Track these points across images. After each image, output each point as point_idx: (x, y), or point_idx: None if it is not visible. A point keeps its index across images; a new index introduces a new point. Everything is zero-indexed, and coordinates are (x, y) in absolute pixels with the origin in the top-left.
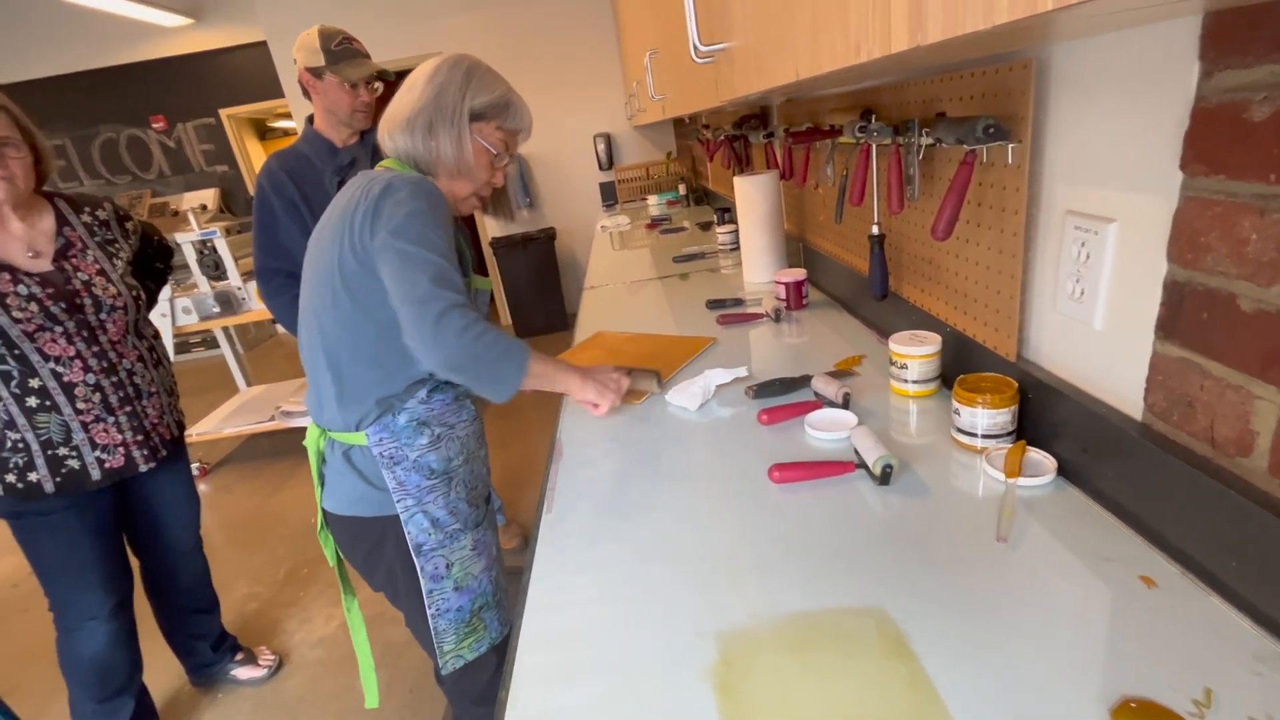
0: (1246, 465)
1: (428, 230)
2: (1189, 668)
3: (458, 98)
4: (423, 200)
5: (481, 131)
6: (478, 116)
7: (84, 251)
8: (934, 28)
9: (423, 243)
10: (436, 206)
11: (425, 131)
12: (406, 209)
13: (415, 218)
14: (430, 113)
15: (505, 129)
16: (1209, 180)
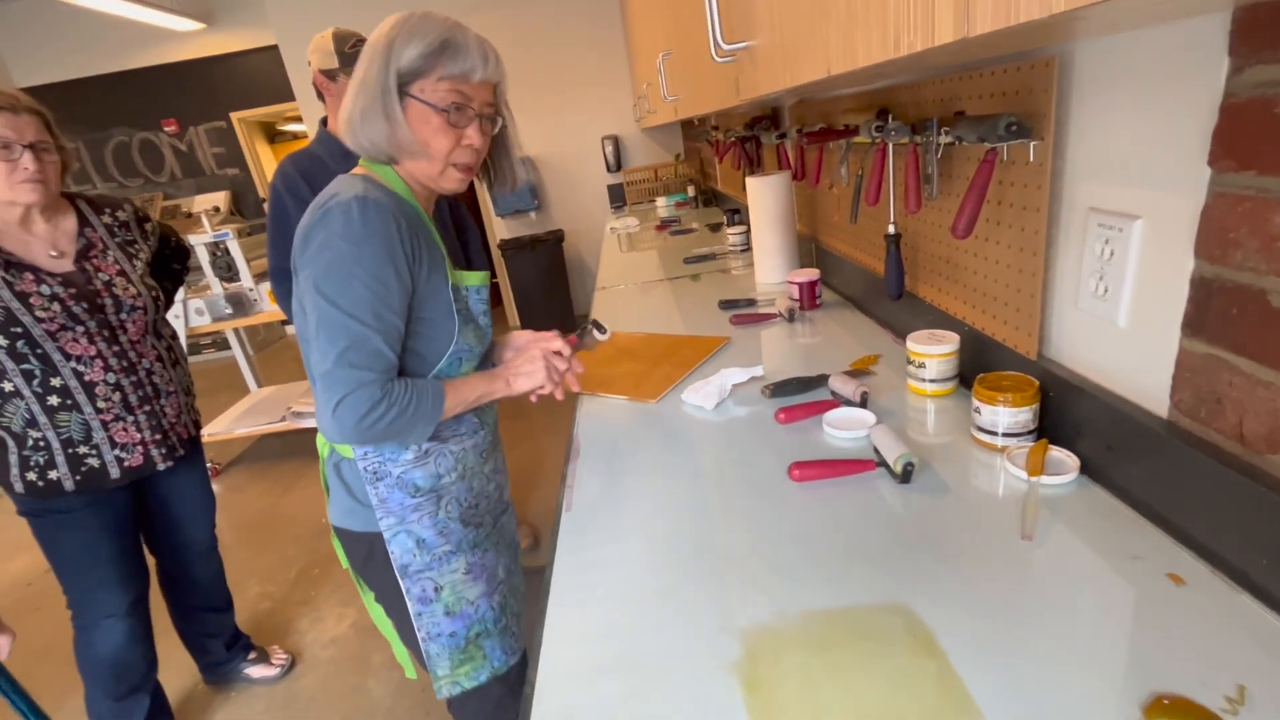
0: (1276, 461)
1: (350, 282)
2: (1220, 665)
3: (381, 67)
4: (349, 242)
5: (424, 91)
6: (412, 76)
7: (105, 252)
8: (983, 18)
9: (341, 298)
10: (371, 237)
11: (360, 121)
12: (329, 255)
13: (337, 268)
14: (360, 98)
15: (450, 76)
16: (1239, 176)
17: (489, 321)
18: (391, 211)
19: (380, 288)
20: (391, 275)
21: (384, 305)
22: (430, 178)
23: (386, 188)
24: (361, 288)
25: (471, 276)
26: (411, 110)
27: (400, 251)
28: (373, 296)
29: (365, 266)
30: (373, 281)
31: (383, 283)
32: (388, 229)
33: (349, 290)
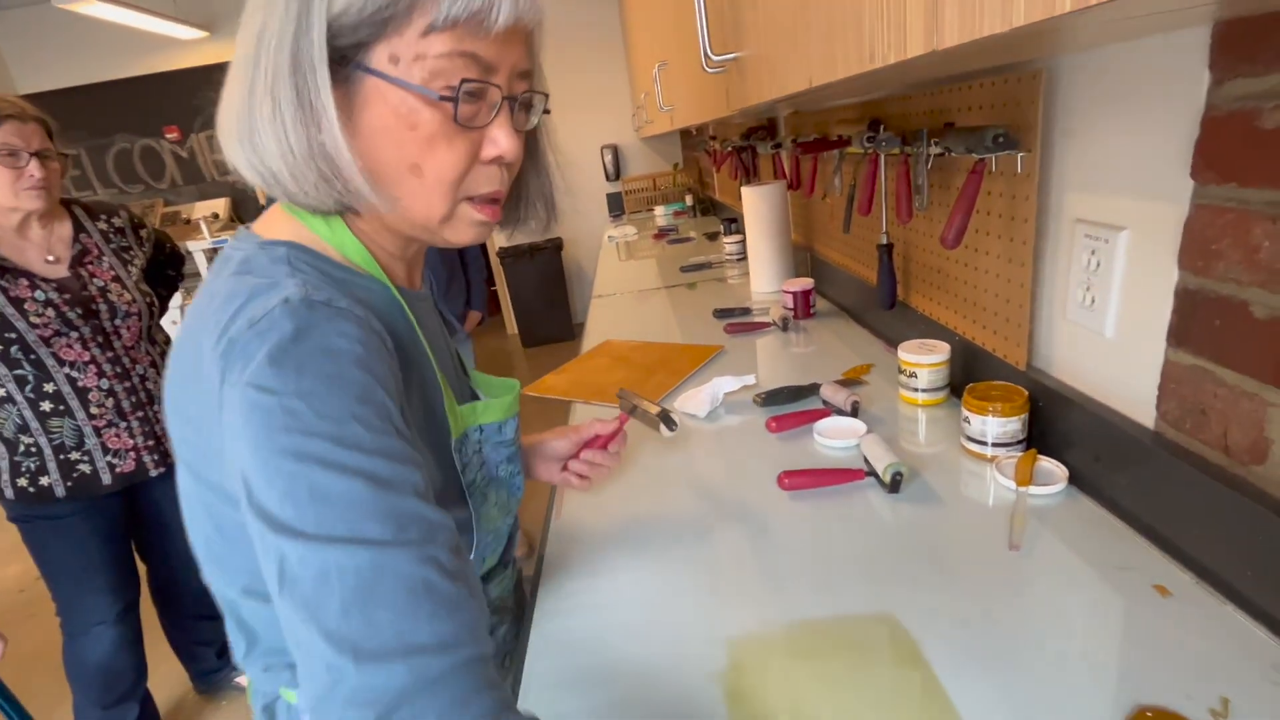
0: (1261, 473)
1: (332, 477)
2: (1205, 677)
3: (291, 18)
4: (297, 400)
5: (395, 60)
6: (364, 30)
7: (100, 258)
8: (950, 31)
9: (328, 520)
10: (355, 368)
11: (260, 132)
12: (266, 439)
13: (291, 462)
14: (253, 85)
15: (447, 22)
16: (1220, 188)
17: (519, 466)
18: (363, 327)
19: (396, 438)
20: (404, 404)
21: (417, 468)
22: (424, 226)
23: (338, 263)
24: (373, 440)
25: (490, 408)
26: (368, 98)
27: (391, 406)
28: (397, 454)
29: (369, 389)
30: (381, 422)
31: (390, 432)
32: (367, 367)
33: (336, 497)
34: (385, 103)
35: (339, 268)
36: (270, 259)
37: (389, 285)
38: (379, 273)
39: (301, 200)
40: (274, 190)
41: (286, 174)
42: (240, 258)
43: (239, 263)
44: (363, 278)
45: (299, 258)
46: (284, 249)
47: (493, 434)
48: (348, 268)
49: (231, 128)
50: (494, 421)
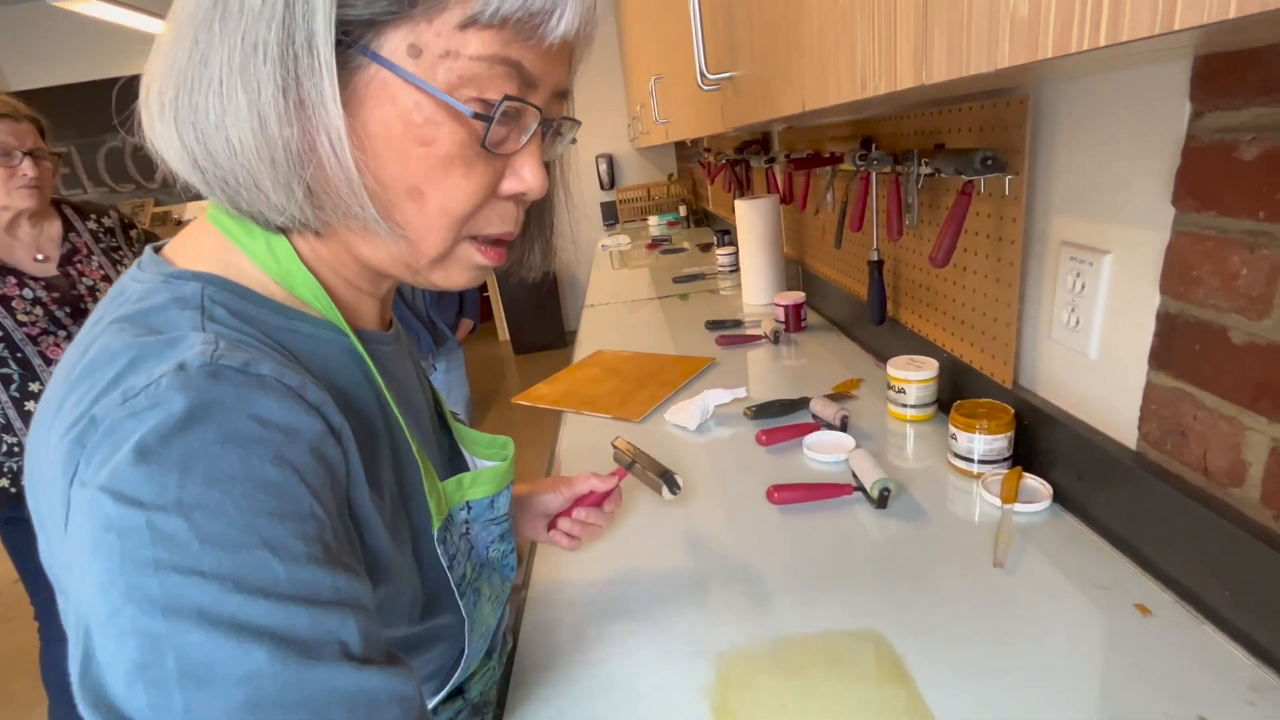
0: (1239, 495)
1: (235, 552)
2: (1183, 697)
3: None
4: (194, 480)
5: (418, 52)
6: (374, 6)
7: (89, 258)
8: (939, 68)
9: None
10: (270, 465)
11: (210, 106)
12: (144, 516)
13: (173, 541)
14: (209, 48)
15: (496, 16)
16: (1200, 216)
17: (512, 544)
18: (292, 402)
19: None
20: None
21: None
22: (406, 264)
23: (276, 302)
24: (279, 562)
25: (480, 480)
26: (369, 93)
27: (321, 516)
28: (314, 573)
29: (285, 499)
30: (303, 523)
31: (319, 541)
32: (289, 463)
33: (222, 678)
34: (392, 104)
35: (276, 310)
36: (175, 300)
37: (348, 333)
38: (335, 315)
39: (250, 209)
40: (216, 192)
41: (244, 176)
42: (134, 297)
43: (131, 306)
44: (310, 323)
45: (217, 298)
46: (196, 286)
47: (483, 511)
48: (290, 309)
49: (164, 102)
50: (484, 496)
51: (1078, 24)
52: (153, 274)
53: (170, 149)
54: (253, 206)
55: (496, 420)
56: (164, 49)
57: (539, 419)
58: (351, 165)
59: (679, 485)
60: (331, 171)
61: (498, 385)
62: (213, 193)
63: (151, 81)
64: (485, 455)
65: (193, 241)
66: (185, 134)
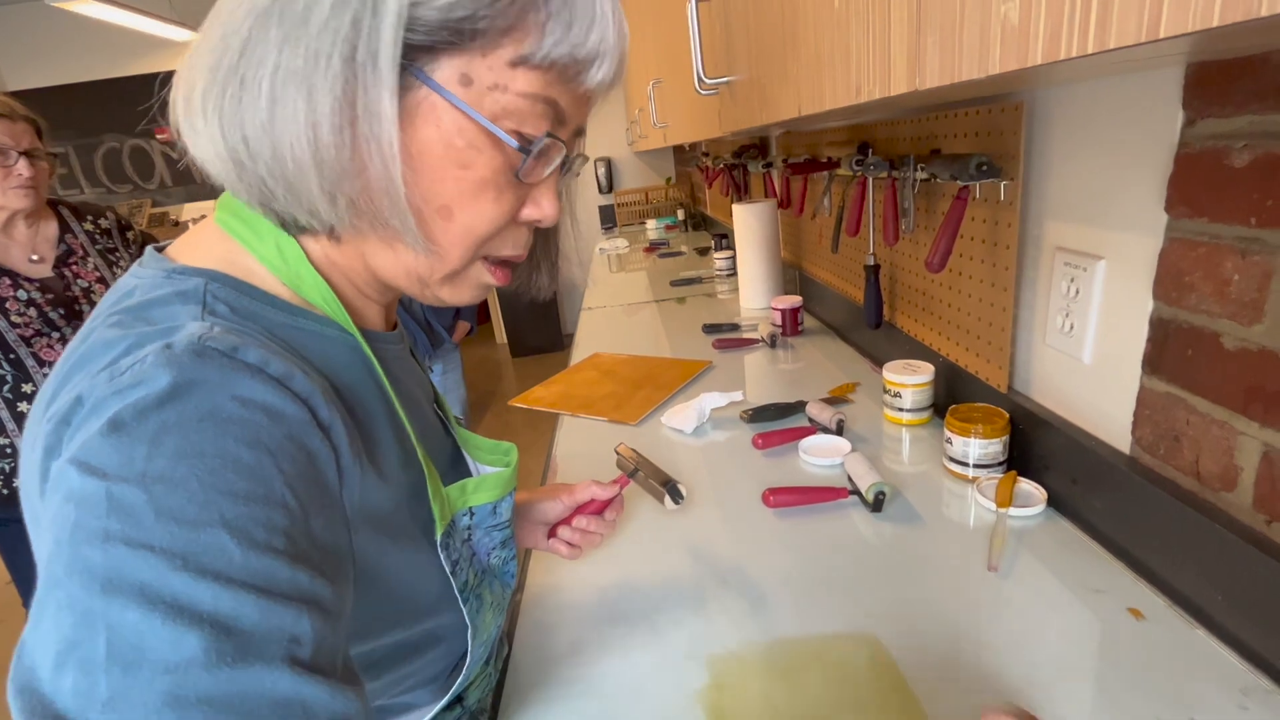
0: (1231, 500)
1: (200, 529)
2: (1175, 701)
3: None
4: (162, 453)
5: (468, 81)
6: (443, 35)
7: (85, 259)
8: (931, 73)
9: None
10: (243, 446)
11: (238, 118)
12: (105, 486)
13: (130, 512)
14: (254, 57)
15: (544, 58)
16: (1192, 222)
17: (513, 550)
18: (277, 389)
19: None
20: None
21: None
22: (419, 278)
23: (281, 300)
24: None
25: (484, 485)
26: (417, 115)
27: (295, 508)
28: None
29: (259, 475)
30: (277, 501)
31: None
32: (265, 446)
33: (151, 663)
34: (437, 127)
35: (281, 307)
36: (177, 294)
37: (354, 332)
38: (342, 315)
39: (283, 210)
40: (248, 190)
41: (287, 178)
42: (135, 292)
43: (131, 300)
44: (315, 320)
45: (219, 294)
46: (199, 281)
47: (485, 517)
48: (294, 307)
49: (208, 97)
50: (487, 502)
51: (1066, 31)
52: (154, 270)
53: (207, 144)
54: (286, 208)
55: (493, 423)
56: (209, 44)
57: (536, 421)
58: (399, 180)
59: (682, 495)
60: (377, 184)
61: (495, 388)
62: (244, 190)
63: (195, 76)
64: (488, 460)
65: (197, 241)
66: (229, 131)
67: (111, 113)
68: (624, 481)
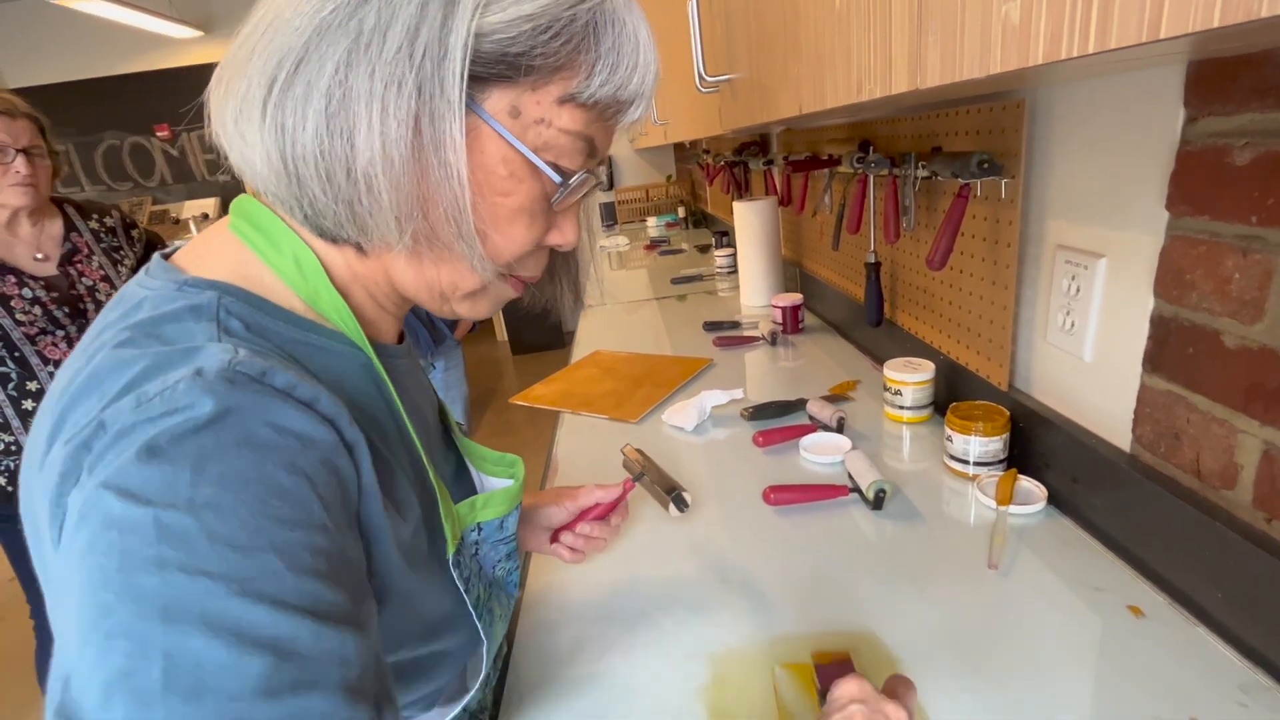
0: (1231, 498)
1: (248, 554)
2: (1175, 698)
3: (433, 5)
4: (207, 479)
5: (517, 113)
6: (499, 68)
7: (89, 257)
8: (932, 73)
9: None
10: (284, 472)
11: (313, 125)
12: (152, 513)
13: (181, 538)
14: (313, 69)
15: (592, 95)
16: (1194, 220)
17: (518, 561)
18: (308, 414)
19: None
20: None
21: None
22: (440, 293)
23: (294, 314)
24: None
25: (493, 502)
26: (471, 146)
27: (331, 529)
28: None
29: (291, 508)
30: (308, 535)
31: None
32: (304, 471)
33: (213, 689)
34: (482, 154)
35: (293, 322)
36: (190, 309)
37: (366, 350)
38: (356, 332)
39: (326, 224)
40: (291, 202)
41: (346, 201)
42: (144, 305)
43: (141, 314)
44: (326, 336)
45: (232, 309)
46: (212, 295)
47: (492, 532)
48: (306, 321)
49: (266, 109)
50: (496, 518)
51: (1067, 31)
52: (164, 281)
53: (259, 154)
54: (336, 223)
55: (494, 421)
56: (266, 52)
57: (536, 419)
58: (469, 207)
59: (687, 504)
60: (445, 209)
61: (495, 385)
62: (290, 201)
63: (251, 85)
64: (492, 472)
65: (209, 250)
66: (289, 146)
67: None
68: (629, 486)
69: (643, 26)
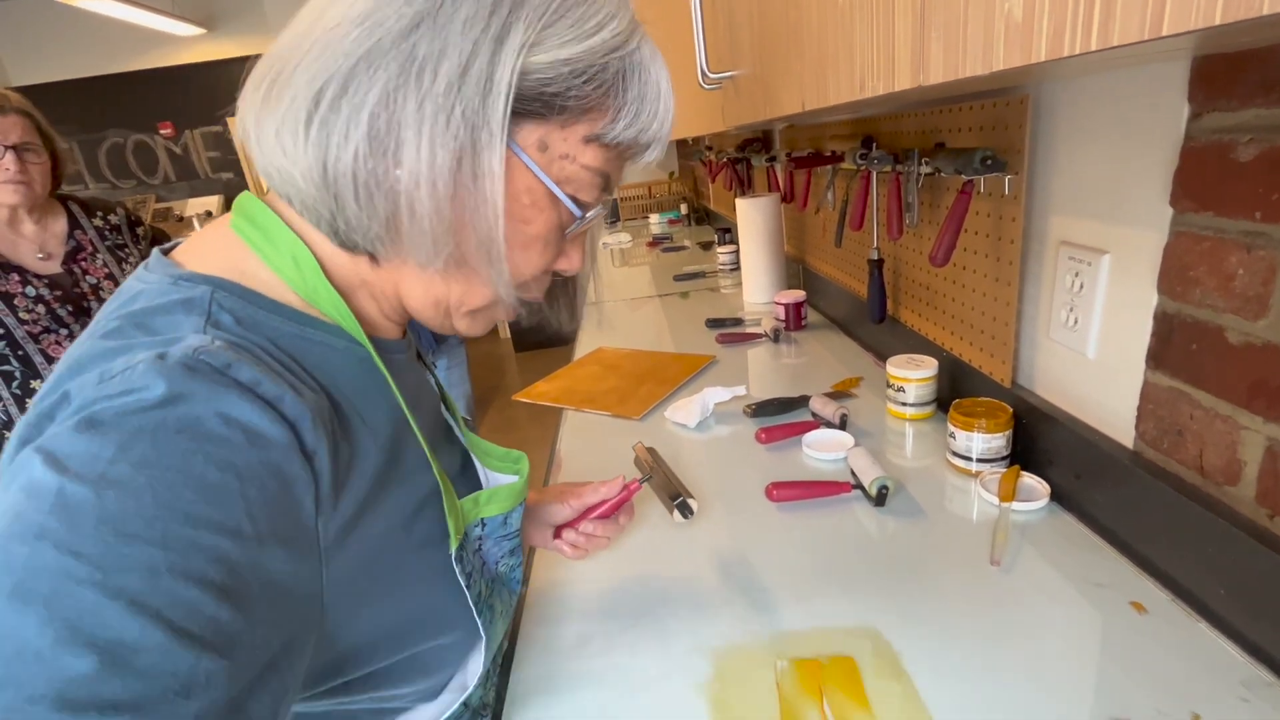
0: (1234, 494)
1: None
2: (1177, 693)
3: (459, 38)
4: (129, 458)
5: (545, 148)
6: (538, 106)
7: (94, 255)
8: (935, 70)
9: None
10: (215, 469)
11: (333, 140)
12: (62, 482)
13: (77, 516)
14: (386, 86)
15: (616, 136)
16: (1198, 216)
17: (520, 557)
18: (265, 413)
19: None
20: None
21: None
22: (445, 310)
23: (290, 309)
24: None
25: (496, 498)
26: (506, 179)
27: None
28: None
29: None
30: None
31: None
32: (240, 473)
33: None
34: (509, 183)
35: (288, 315)
36: (182, 302)
37: (364, 343)
38: (354, 325)
39: (354, 238)
40: (322, 216)
41: (382, 220)
42: (139, 298)
43: (134, 306)
44: (323, 329)
45: (225, 303)
46: (206, 289)
47: (496, 528)
48: (303, 315)
49: (311, 124)
50: (499, 514)
51: (1070, 28)
52: (161, 275)
53: (297, 167)
54: (365, 239)
55: (497, 418)
56: (310, 64)
57: (540, 416)
58: (502, 238)
59: (691, 511)
60: (479, 237)
61: (498, 383)
62: (319, 214)
63: (297, 96)
64: (497, 467)
65: (207, 245)
66: (333, 162)
67: (115, 108)
68: (635, 487)
69: (664, 77)
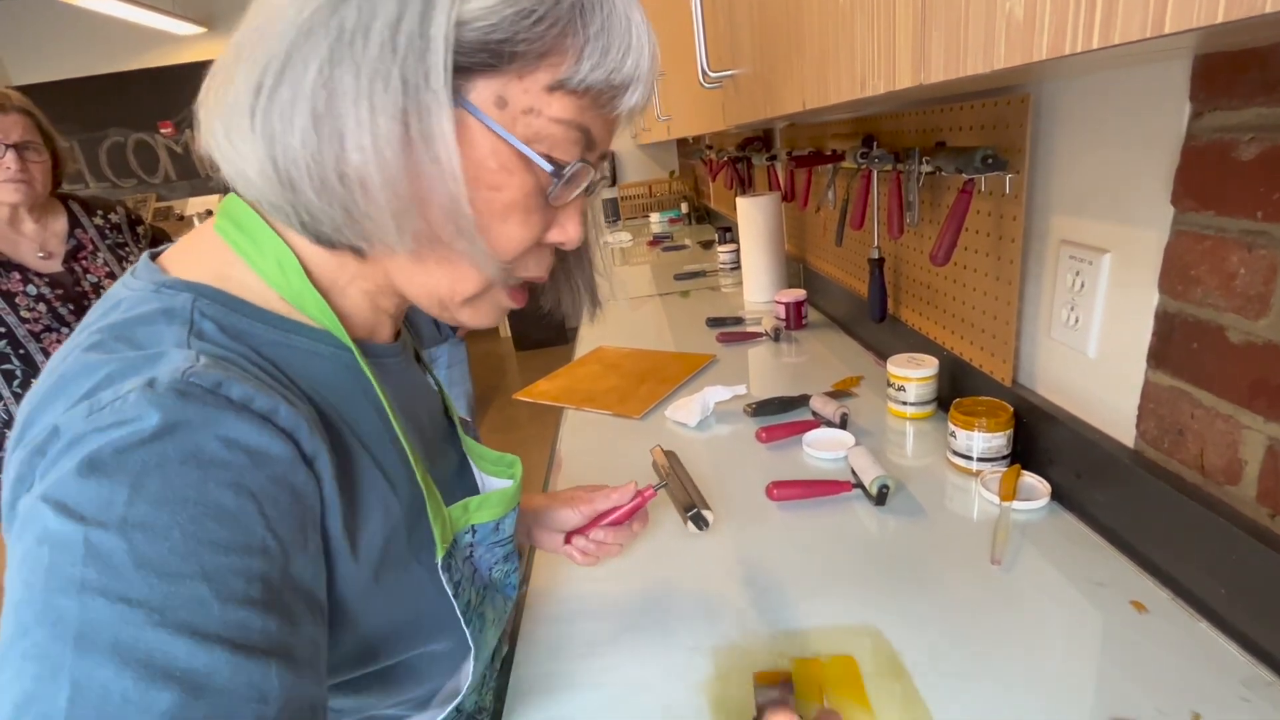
0: (1235, 493)
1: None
2: (1178, 692)
3: (414, 1)
4: (144, 498)
5: (503, 104)
6: (484, 56)
7: (95, 254)
8: (936, 68)
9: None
10: (227, 490)
11: (299, 121)
12: (83, 531)
13: (107, 560)
14: (297, 71)
15: (582, 82)
16: (1199, 215)
17: (516, 563)
18: (264, 428)
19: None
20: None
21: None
22: (440, 300)
23: (274, 315)
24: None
25: (487, 504)
26: (466, 143)
27: (275, 551)
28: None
29: (229, 535)
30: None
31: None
32: (248, 490)
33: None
34: (472, 147)
35: (272, 322)
36: (163, 311)
37: (351, 348)
38: (339, 330)
39: (323, 230)
40: (290, 210)
41: (342, 206)
42: (123, 306)
43: (117, 315)
44: (308, 335)
45: (207, 311)
46: (188, 297)
47: (487, 534)
48: (287, 321)
49: (254, 117)
50: (491, 520)
51: (1071, 26)
52: (145, 281)
53: (252, 163)
54: (334, 230)
55: (497, 417)
56: (251, 60)
57: (540, 415)
58: (466, 204)
59: (706, 523)
60: (441, 207)
61: (499, 382)
62: (287, 209)
63: (238, 94)
64: (491, 471)
65: (192, 251)
66: (280, 153)
67: (116, 107)
68: (649, 494)
69: (635, 7)
